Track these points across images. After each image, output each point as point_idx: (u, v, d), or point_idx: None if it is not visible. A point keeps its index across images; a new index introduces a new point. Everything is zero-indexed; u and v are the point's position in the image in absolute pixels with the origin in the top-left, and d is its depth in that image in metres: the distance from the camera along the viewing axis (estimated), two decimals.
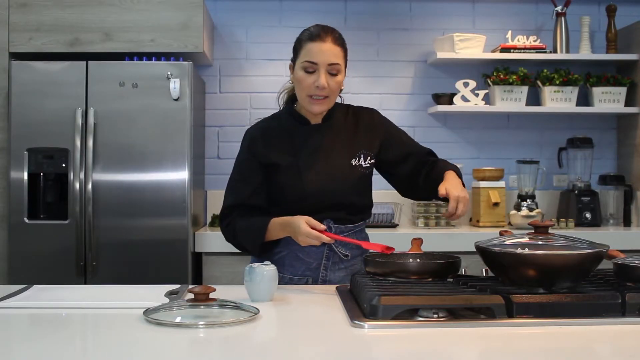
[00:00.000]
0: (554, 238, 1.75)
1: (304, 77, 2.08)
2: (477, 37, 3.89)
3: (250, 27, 4.05)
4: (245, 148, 2.19)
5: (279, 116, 2.24)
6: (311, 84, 2.07)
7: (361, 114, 2.26)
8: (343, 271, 2.18)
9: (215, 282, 3.22)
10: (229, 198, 2.19)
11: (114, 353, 1.37)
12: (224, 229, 2.18)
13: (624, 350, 1.41)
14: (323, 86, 2.06)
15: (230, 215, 2.16)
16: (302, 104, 2.15)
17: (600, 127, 4.16)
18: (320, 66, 2.06)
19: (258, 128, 2.22)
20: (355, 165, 2.18)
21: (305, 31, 2.12)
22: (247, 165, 2.17)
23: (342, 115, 2.23)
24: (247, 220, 2.13)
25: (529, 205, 3.84)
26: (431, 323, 1.56)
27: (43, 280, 2.31)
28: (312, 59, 2.06)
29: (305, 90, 2.09)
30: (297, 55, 2.12)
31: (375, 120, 2.27)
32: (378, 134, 2.24)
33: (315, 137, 2.17)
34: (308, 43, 2.08)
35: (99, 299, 1.83)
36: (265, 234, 2.09)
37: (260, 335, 1.53)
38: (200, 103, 3.75)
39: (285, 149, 2.15)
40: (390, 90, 4.09)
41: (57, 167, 3.29)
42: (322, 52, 2.06)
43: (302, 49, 2.10)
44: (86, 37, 3.45)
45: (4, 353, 1.36)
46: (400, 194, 2.36)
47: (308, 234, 1.96)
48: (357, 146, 2.20)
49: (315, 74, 2.07)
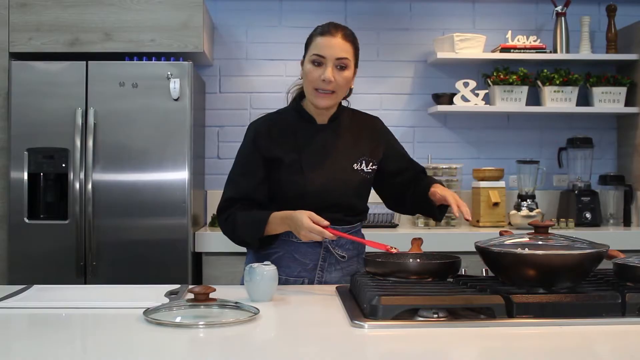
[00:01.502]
0: (554, 238, 1.75)
1: (311, 69, 2.09)
2: (477, 37, 3.89)
3: (250, 27, 4.05)
4: (249, 141, 2.17)
5: (285, 112, 2.24)
6: (317, 77, 2.07)
7: (366, 121, 2.28)
8: (339, 272, 2.18)
9: (215, 282, 3.22)
10: (230, 190, 2.17)
11: (114, 353, 1.37)
12: (222, 222, 2.16)
13: (624, 350, 1.41)
14: (329, 79, 2.06)
15: (230, 208, 2.14)
16: (308, 98, 2.14)
17: (600, 127, 4.16)
18: (327, 60, 2.07)
19: (263, 122, 2.21)
20: (357, 169, 2.18)
21: (318, 27, 2.14)
22: (250, 158, 2.16)
23: (348, 119, 2.24)
24: (247, 213, 2.12)
25: (529, 205, 3.84)
26: (431, 323, 1.56)
27: (43, 280, 2.31)
28: (320, 52, 2.07)
29: (311, 83, 2.09)
30: (307, 50, 2.13)
31: (379, 129, 2.29)
32: (381, 143, 2.26)
33: (320, 137, 2.17)
34: (318, 37, 2.09)
35: (99, 299, 1.84)
36: (266, 227, 2.08)
37: (260, 335, 1.53)
38: (200, 103, 3.75)
39: (289, 145, 2.15)
40: (390, 90, 4.09)
41: (57, 167, 3.29)
42: (331, 46, 2.06)
43: (312, 43, 2.11)
44: (86, 37, 3.45)
45: (4, 353, 1.36)
46: (387, 205, 2.39)
47: (311, 228, 1.95)
48: (359, 151, 2.20)
49: (323, 67, 2.07)
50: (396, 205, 2.36)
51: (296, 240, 2.12)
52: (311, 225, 1.95)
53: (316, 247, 2.14)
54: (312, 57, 2.08)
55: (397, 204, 2.36)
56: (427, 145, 4.08)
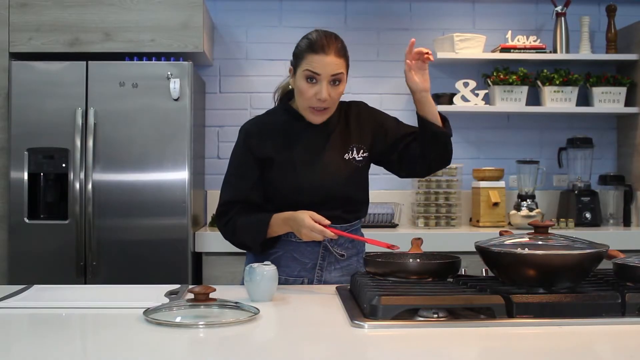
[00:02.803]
0: (553, 238, 1.75)
1: (305, 87, 2.06)
2: (477, 37, 3.89)
3: (250, 27, 4.05)
4: (240, 142, 2.18)
5: (274, 112, 2.24)
6: (312, 96, 2.06)
7: (350, 108, 2.25)
8: (339, 271, 2.18)
9: (215, 282, 3.22)
10: (227, 194, 2.17)
11: (114, 353, 1.37)
12: (222, 226, 2.17)
13: (624, 350, 1.41)
14: (325, 99, 2.05)
15: (229, 212, 2.14)
16: (302, 113, 2.13)
17: (600, 127, 4.16)
18: (322, 77, 2.04)
19: (253, 123, 2.21)
20: (348, 159, 2.17)
21: (309, 38, 2.08)
22: (243, 160, 2.16)
23: (336, 112, 2.21)
24: (247, 216, 2.12)
25: (529, 205, 3.84)
26: (431, 323, 1.56)
27: (43, 280, 2.31)
28: (314, 70, 2.04)
29: (306, 101, 2.08)
30: (298, 62, 2.08)
31: (363, 113, 2.26)
32: (368, 125, 2.23)
33: (310, 133, 2.17)
34: (310, 54, 2.04)
35: (99, 299, 1.84)
36: (268, 230, 2.08)
37: (260, 335, 1.53)
38: (200, 103, 3.75)
39: (280, 144, 2.15)
40: (390, 90, 4.09)
41: (57, 167, 3.29)
42: (325, 65, 2.03)
43: (304, 58, 2.06)
44: (86, 37, 3.45)
45: (4, 353, 1.36)
46: (400, 176, 2.34)
47: (312, 227, 1.95)
48: (348, 140, 2.19)
49: (317, 85, 2.05)
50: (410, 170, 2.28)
51: (295, 240, 2.12)
52: (312, 224, 1.96)
53: (315, 246, 2.14)
54: (305, 73, 2.05)
55: (411, 169, 2.27)
56: None
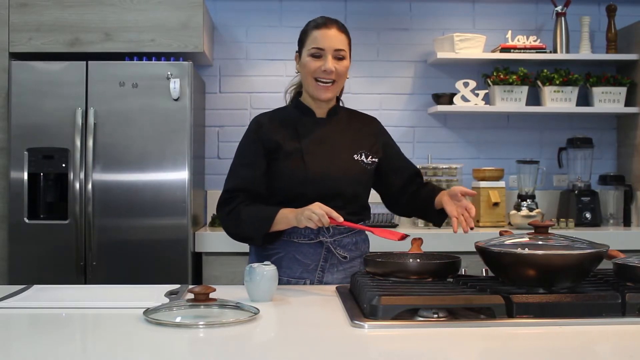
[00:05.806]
0: (553, 238, 1.75)
1: (311, 61, 2.13)
2: (477, 37, 3.89)
3: (250, 27, 4.05)
4: (251, 132, 2.19)
5: (286, 108, 2.28)
6: (318, 68, 2.12)
7: (364, 120, 2.31)
8: (341, 273, 2.17)
9: (215, 282, 3.22)
10: (232, 182, 2.15)
11: (114, 353, 1.37)
12: (225, 215, 2.12)
13: (624, 350, 1.41)
14: (330, 70, 2.10)
15: (233, 200, 2.11)
16: (309, 90, 2.17)
17: (600, 127, 4.16)
18: (326, 51, 2.11)
19: (265, 115, 2.25)
20: (357, 159, 2.19)
21: (311, 22, 2.19)
22: (252, 149, 2.16)
23: (346, 116, 2.28)
24: (253, 207, 2.10)
25: (529, 205, 3.84)
26: (431, 323, 1.56)
27: (43, 280, 2.31)
28: (318, 45, 2.12)
29: (312, 74, 2.13)
30: (303, 44, 2.17)
31: (377, 129, 2.31)
32: (379, 141, 2.28)
33: (320, 129, 2.19)
34: (314, 31, 2.14)
35: (99, 299, 1.84)
36: (273, 223, 2.05)
37: (260, 335, 1.53)
38: (200, 103, 3.75)
39: (290, 134, 2.17)
40: (390, 90, 4.09)
41: (57, 167, 3.29)
42: (329, 38, 2.11)
43: (308, 37, 2.15)
44: (86, 37, 3.45)
45: (4, 353, 1.36)
46: (385, 204, 2.40)
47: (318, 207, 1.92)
48: (359, 145, 2.21)
49: (322, 59, 2.12)
50: (391, 204, 2.37)
51: (297, 240, 2.12)
52: (319, 205, 1.94)
53: (317, 247, 2.14)
54: (311, 51, 2.13)
55: (392, 204, 2.37)
56: (427, 145, 4.08)
